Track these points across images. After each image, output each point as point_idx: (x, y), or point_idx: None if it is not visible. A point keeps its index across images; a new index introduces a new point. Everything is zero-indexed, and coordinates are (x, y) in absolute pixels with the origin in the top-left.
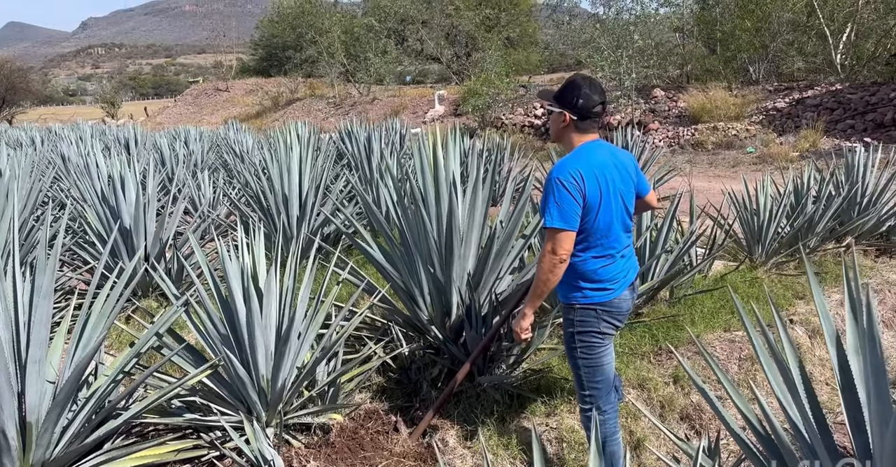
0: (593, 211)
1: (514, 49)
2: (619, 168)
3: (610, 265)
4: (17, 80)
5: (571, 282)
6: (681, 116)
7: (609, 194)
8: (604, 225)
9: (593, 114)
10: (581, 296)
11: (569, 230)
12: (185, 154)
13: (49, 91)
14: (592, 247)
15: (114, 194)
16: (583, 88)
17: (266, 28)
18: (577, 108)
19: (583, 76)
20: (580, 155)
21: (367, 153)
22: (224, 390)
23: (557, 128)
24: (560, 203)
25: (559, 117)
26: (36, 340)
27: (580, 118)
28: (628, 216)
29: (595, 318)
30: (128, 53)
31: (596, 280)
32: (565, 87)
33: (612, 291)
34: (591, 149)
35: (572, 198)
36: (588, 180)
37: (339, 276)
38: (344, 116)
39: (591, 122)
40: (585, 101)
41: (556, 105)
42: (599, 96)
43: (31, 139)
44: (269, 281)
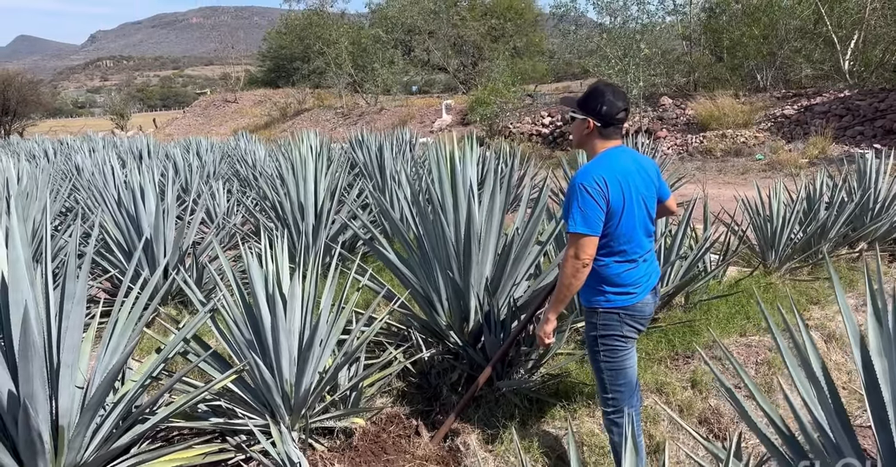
0: (616, 216)
1: (521, 58)
2: (641, 173)
3: (633, 269)
4: (27, 92)
5: (595, 286)
6: (689, 124)
7: (632, 199)
8: (627, 230)
9: (617, 120)
10: (604, 300)
11: (592, 235)
12: (197, 164)
13: (59, 103)
14: (616, 251)
15: (133, 204)
16: (606, 95)
17: (274, 39)
18: (601, 115)
19: (605, 83)
20: (604, 161)
21: (380, 162)
22: (249, 395)
23: (581, 135)
24: (584, 208)
25: (583, 124)
26: (68, 345)
27: (604, 125)
28: (651, 221)
29: (618, 322)
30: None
31: (619, 284)
32: (589, 94)
33: (634, 295)
34: (615, 155)
35: (596, 204)
36: (611, 186)
37: (358, 283)
38: (352, 126)
39: (615, 129)
40: (609, 107)
41: (580, 112)
42: (623, 103)
43: (43, 151)
44: (293, 287)
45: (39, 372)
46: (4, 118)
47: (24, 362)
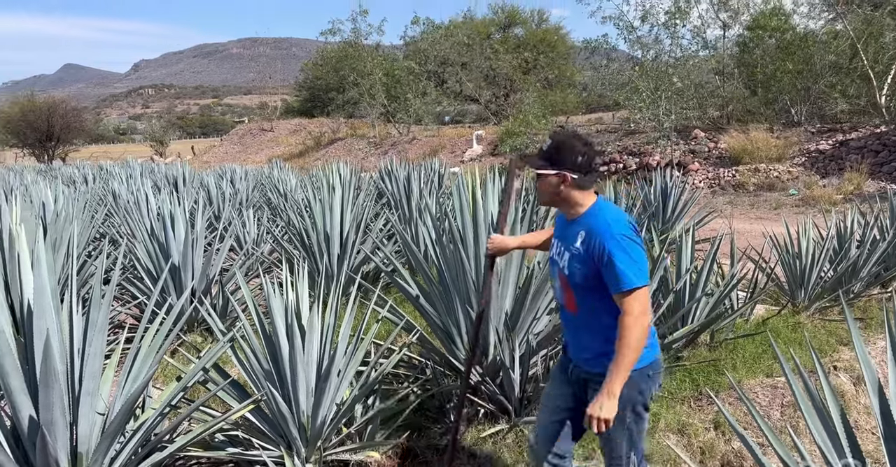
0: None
1: (552, 90)
2: None
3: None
4: (71, 119)
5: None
6: (721, 157)
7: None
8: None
9: (594, 169)
10: (654, 355)
11: (648, 285)
12: (230, 192)
13: (101, 130)
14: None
15: (164, 231)
16: (577, 145)
17: (310, 71)
18: (578, 166)
19: (572, 133)
20: (612, 208)
21: (407, 192)
22: (265, 425)
23: (554, 191)
24: (634, 258)
25: (557, 179)
26: (89, 373)
27: (582, 175)
28: None
29: (647, 382)
30: (176, 94)
31: (652, 334)
32: (558, 148)
33: (656, 347)
34: (610, 204)
35: (641, 250)
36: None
37: (378, 314)
38: (383, 155)
39: (591, 178)
40: (585, 157)
41: (552, 167)
42: (595, 151)
43: (83, 176)
44: (311, 318)
45: (59, 399)
46: (48, 144)
47: (45, 389)
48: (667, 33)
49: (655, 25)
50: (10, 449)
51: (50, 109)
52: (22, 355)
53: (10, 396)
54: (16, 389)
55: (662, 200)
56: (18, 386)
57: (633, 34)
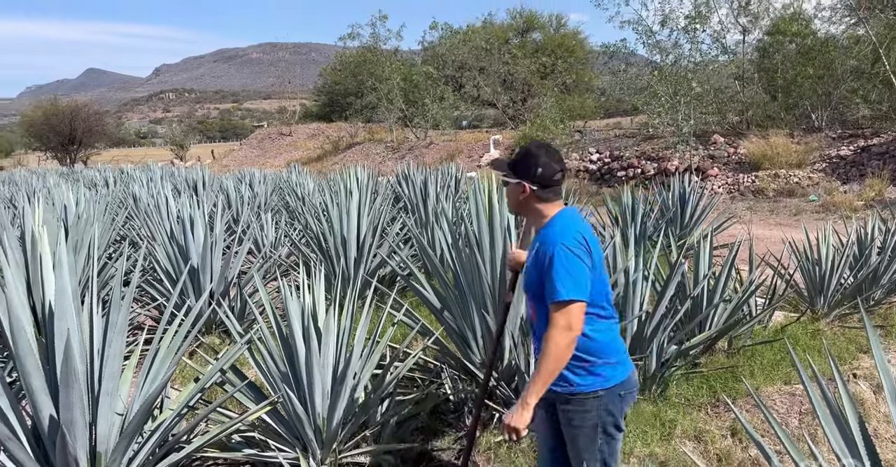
0: (598, 274)
1: (570, 95)
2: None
3: (617, 336)
4: (93, 123)
5: (584, 366)
6: (741, 163)
7: (599, 260)
8: (605, 290)
9: (554, 182)
10: (603, 379)
11: (583, 301)
12: (249, 196)
13: (122, 133)
14: (604, 315)
15: (183, 234)
16: (541, 157)
17: (329, 75)
18: (536, 178)
19: (539, 144)
20: (572, 218)
21: (423, 196)
22: (282, 427)
23: (517, 200)
24: (572, 271)
25: (517, 188)
26: (109, 373)
27: (541, 188)
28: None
29: (618, 403)
30: (197, 98)
31: (612, 354)
32: (521, 157)
33: (627, 365)
34: (573, 214)
35: (583, 264)
36: (591, 242)
37: (394, 318)
38: (401, 160)
39: (553, 191)
40: (545, 169)
41: (513, 175)
42: (559, 164)
43: (104, 179)
44: (328, 321)
45: (79, 399)
46: (70, 147)
47: (66, 390)
48: (686, 38)
49: (675, 30)
50: (31, 448)
51: (72, 113)
52: (43, 355)
53: (31, 396)
54: (37, 389)
55: (681, 205)
56: (39, 386)
57: (652, 39)
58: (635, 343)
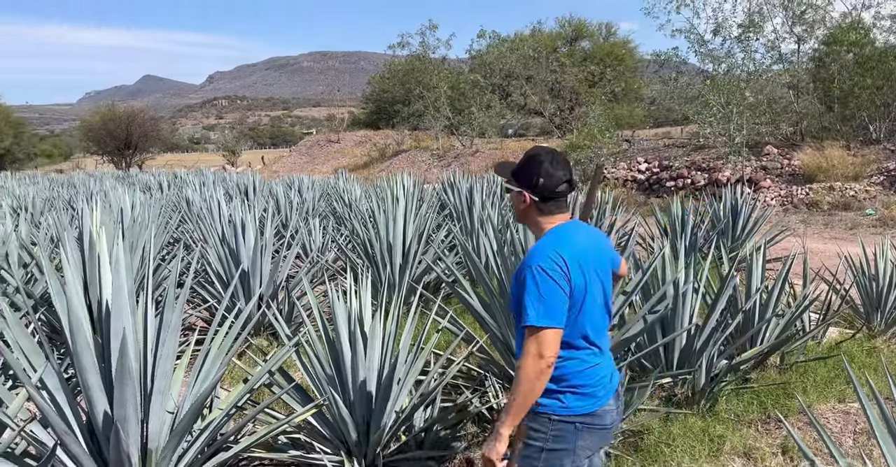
0: (578, 302)
1: (618, 104)
2: (598, 251)
3: (597, 366)
4: (149, 128)
5: (548, 385)
6: (794, 175)
7: (593, 283)
8: (590, 318)
9: (557, 194)
10: (560, 406)
11: (556, 327)
12: (298, 201)
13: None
14: (577, 345)
15: (234, 238)
16: (543, 165)
17: (377, 83)
18: (537, 188)
19: (545, 150)
20: (559, 236)
21: (469, 204)
22: (327, 429)
23: (519, 210)
24: (544, 295)
25: (518, 197)
26: (161, 372)
27: (542, 199)
28: (607, 307)
29: (572, 434)
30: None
31: (580, 384)
32: (524, 164)
33: (596, 399)
34: (569, 230)
35: (559, 288)
36: (572, 265)
37: (438, 324)
38: (446, 168)
39: (556, 203)
40: (546, 179)
41: (514, 183)
42: (564, 172)
43: (158, 183)
44: (374, 326)
45: (133, 396)
46: (126, 151)
47: (120, 386)
48: (740, 47)
49: (728, 39)
50: (85, 443)
51: (129, 118)
52: (98, 353)
53: (87, 392)
54: (93, 385)
55: (732, 217)
56: (95, 383)
57: (705, 47)
58: (684, 356)
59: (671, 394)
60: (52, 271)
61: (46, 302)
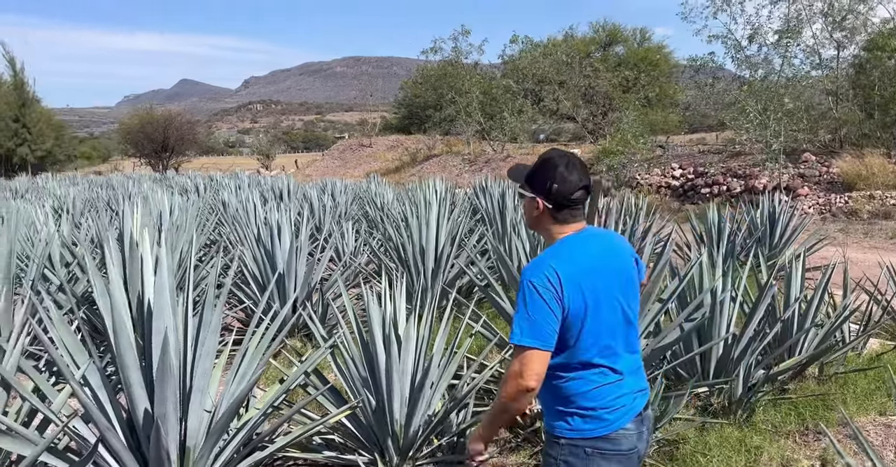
0: (577, 323)
1: (652, 109)
2: (614, 263)
3: (605, 386)
4: (185, 131)
5: (553, 405)
6: (833, 182)
7: (599, 301)
8: (594, 339)
9: (571, 201)
10: (567, 428)
11: (541, 349)
12: (331, 205)
13: (211, 142)
14: (578, 364)
15: (270, 240)
16: (558, 169)
17: (409, 88)
18: (550, 195)
19: (560, 153)
20: (560, 251)
21: (501, 208)
22: (360, 431)
23: (531, 217)
24: (532, 313)
25: (531, 204)
26: (201, 371)
27: (556, 207)
28: (631, 325)
29: (583, 459)
30: (283, 110)
31: (586, 406)
32: (537, 168)
33: (607, 422)
34: (576, 242)
35: (548, 308)
36: (568, 285)
37: (471, 329)
38: (478, 172)
39: (571, 211)
40: (561, 185)
41: (528, 188)
42: (580, 178)
43: (195, 186)
44: (408, 329)
45: (173, 394)
46: (163, 154)
47: (161, 384)
48: (777, 53)
49: (765, 45)
50: (125, 438)
51: (166, 122)
52: (139, 351)
53: (128, 389)
54: (134, 383)
55: (770, 225)
56: (137, 380)
57: (742, 53)
58: (721, 365)
59: (707, 404)
60: (95, 271)
61: (86, 301)
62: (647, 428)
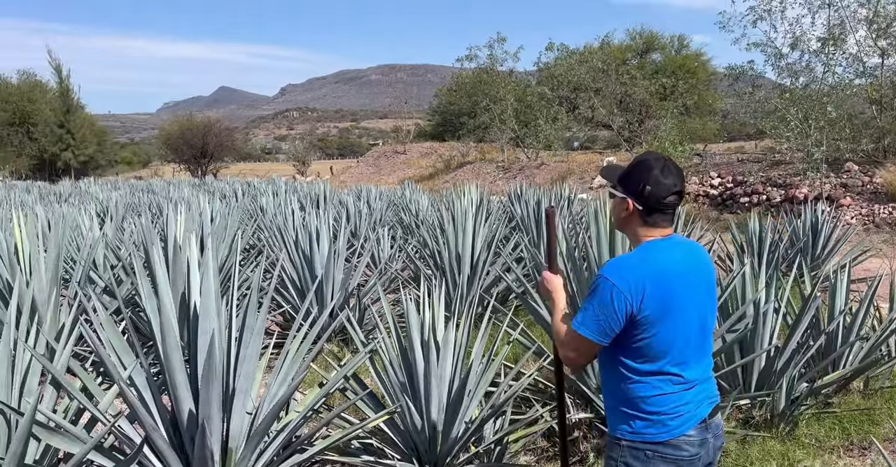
0: (650, 329)
1: (690, 117)
2: (698, 274)
3: (671, 395)
4: (224, 138)
5: (617, 406)
6: (876, 193)
7: (677, 308)
8: (666, 345)
9: (664, 205)
10: (628, 430)
11: (593, 340)
12: (366, 211)
13: (249, 148)
14: (648, 370)
15: (309, 245)
16: (653, 171)
17: (444, 96)
18: (643, 197)
19: (655, 156)
20: (645, 255)
21: (537, 216)
22: (398, 437)
23: (619, 217)
24: (597, 311)
25: (622, 204)
26: (244, 373)
27: (646, 209)
28: (706, 334)
29: (643, 462)
30: (319, 117)
31: (648, 411)
32: (631, 169)
33: (669, 428)
34: (661, 248)
35: (613, 310)
36: (648, 288)
37: (508, 336)
38: (512, 180)
39: (663, 215)
40: (654, 188)
41: (619, 189)
42: (674, 182)
43: (233, 191)
44: (447, 335)
45: (217, 396)
46: (202, 160)
47: (206, 386)
48: (819, 61)
49: (806, 52)
50: (169, 438)
51: (205, 128)
52: (184, 353)
53: (174, 390)
54: (180, 384)
55: (812, 236)
56: (182, 381)
57: (782, 61)
58: (763, 378)
59: (749, 416)
60: (143, 274)
61: (128, 303)
62: (714, 435)
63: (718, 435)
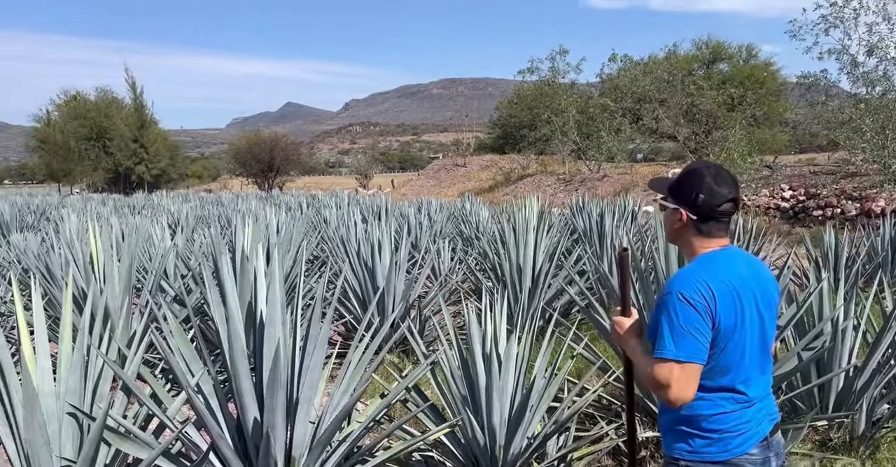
0: (721, 343)
1: (759, 128)
2: (761, 285)
3: (733, 413)
4: (290, 152)
5: (675, 425)
6: None
7: (745, 319)
8: (733, 360)
9: (719, 214)
10: (688, 450)
11: (693, 362)
12: (427, 223)
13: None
14: (710, 387)
15: (371, 256)
16: (705, 179)
17: (504, 109)
18: (697, 206)
19: (707, 164)
20: (710, 264)
21: (600, 229)
22: (459, 450)
23: (673, 229)
24: (685, 326)
25: (674, 215)
26: (308, 382)
27: (701, 219)
28: (766, 350)
29: None
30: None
31: (710, 429)
32: (683, 178)
33: (731, 447)
34: (724, 257)
35: (701, 320)
36: (722, 299)
37: (572, 350)
38: (573, 192)
39: (718, 224)
40: (709, 196)
41: (671, 200)
42: (729, 190)
43: (298, 204)
44: (509, 348)
45: (282, 405)
46: (269, 174)
47: (271, 394)
48: None
49: (884, 60)
50: (234, 445)
51: (272, 143)
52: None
53: (239, 398)
54: (245, 391)
55: (892, 250)
56: (248, 389)
57: (858, 70)
58: (841, 398)
59: (826, 438)
60: (211, 283)
61: (199, 312)
62: (776, 454)
63: (780, 454)
